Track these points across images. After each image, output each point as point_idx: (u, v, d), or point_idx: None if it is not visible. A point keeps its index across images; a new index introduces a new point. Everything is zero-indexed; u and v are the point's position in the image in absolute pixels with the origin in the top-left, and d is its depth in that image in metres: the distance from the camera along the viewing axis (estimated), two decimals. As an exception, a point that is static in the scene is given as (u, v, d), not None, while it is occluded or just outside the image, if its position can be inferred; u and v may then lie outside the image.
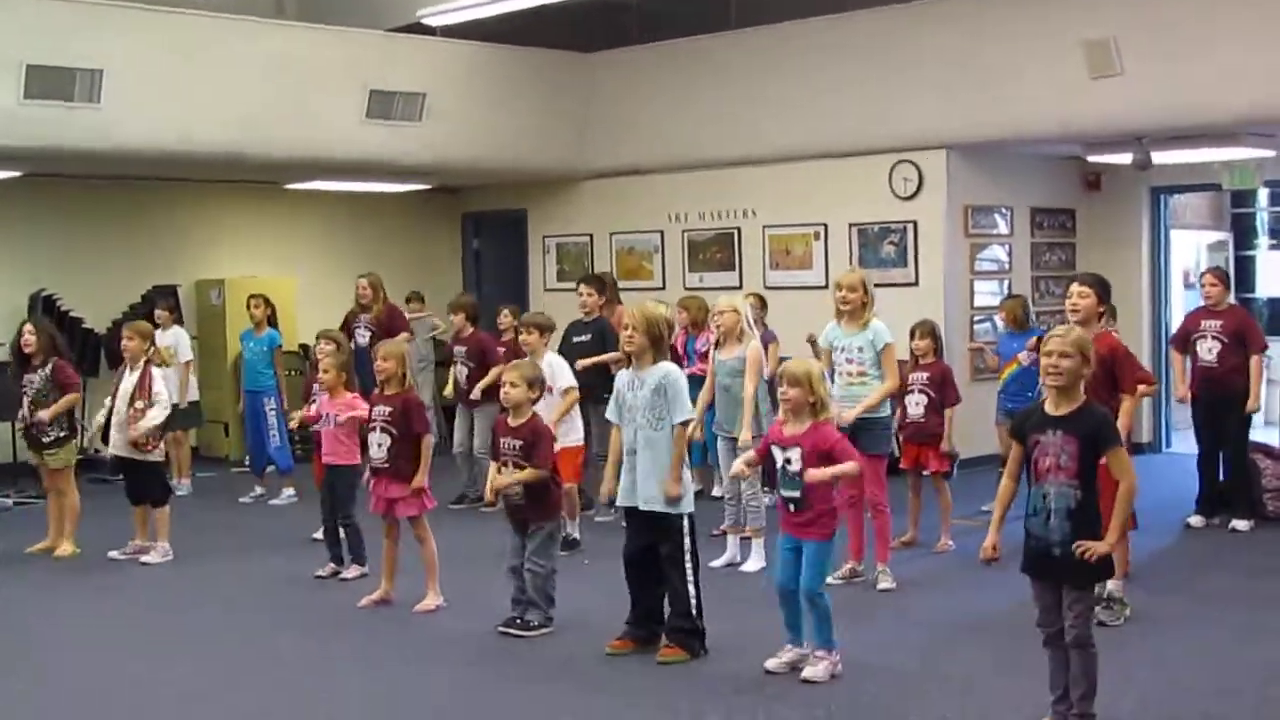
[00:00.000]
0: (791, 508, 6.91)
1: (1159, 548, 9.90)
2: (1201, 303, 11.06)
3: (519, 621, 7.86)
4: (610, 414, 7.67)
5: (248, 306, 12.95)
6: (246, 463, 13.37)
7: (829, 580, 8.81)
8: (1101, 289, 8.03)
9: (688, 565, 7.34)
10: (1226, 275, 11.33)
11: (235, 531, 11.37)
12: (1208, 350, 10.71)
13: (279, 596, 9.09)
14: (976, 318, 13.64)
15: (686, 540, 7.36)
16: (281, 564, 9.94)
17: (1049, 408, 5.86)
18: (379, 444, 8.47)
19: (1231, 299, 11.23)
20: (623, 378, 7.61)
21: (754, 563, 9.42)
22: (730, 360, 9.38)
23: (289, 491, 12.44)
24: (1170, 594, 8.57)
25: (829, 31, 13.78)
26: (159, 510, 10.13)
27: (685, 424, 7.37)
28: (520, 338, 10.40)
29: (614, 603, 7.75)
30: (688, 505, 7.39)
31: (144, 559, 10.05)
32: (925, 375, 10.03)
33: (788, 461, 6.88)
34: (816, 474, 6.77)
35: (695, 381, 9.32)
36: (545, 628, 7.86)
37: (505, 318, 12.31)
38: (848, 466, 6.86)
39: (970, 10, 12.85)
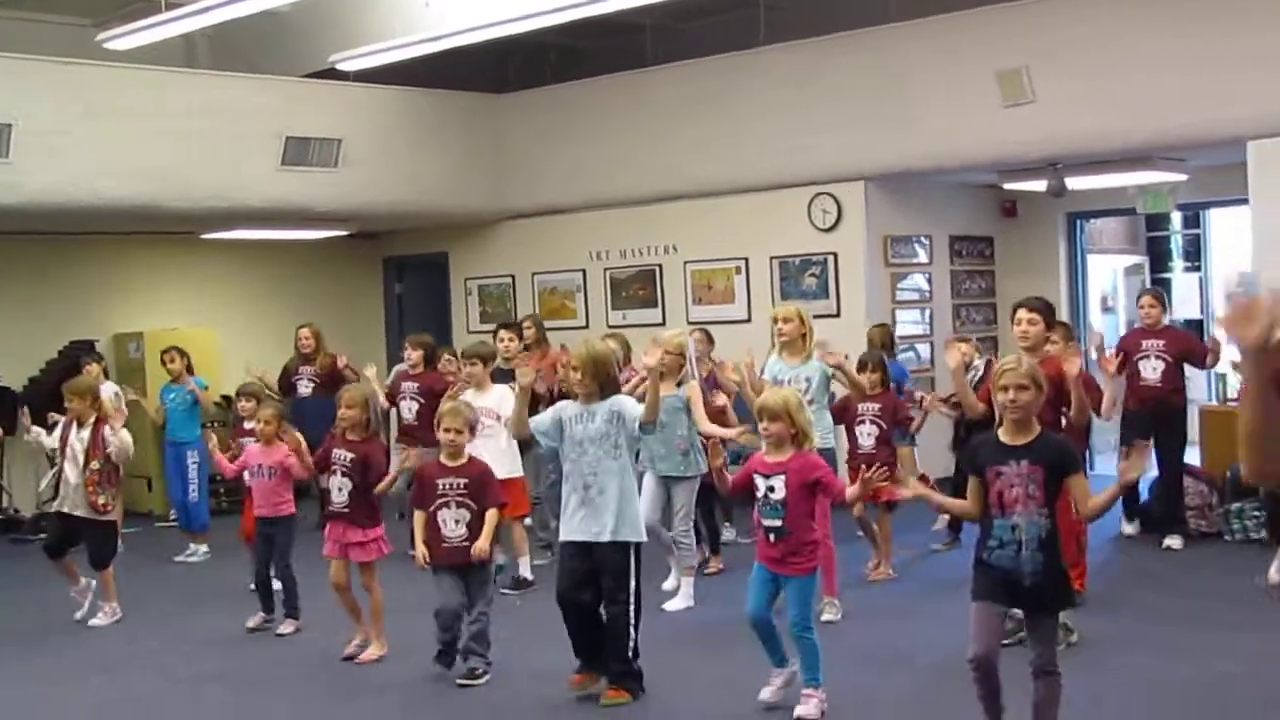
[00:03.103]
0: (772, 537, 6.72)
1: (1090, 567, 9.94)
2: (1141, 324, 11.08)
3: (474, 672, 7.71)
4: (537, 427, 7.38)
5: (162, 362, 12.78)
6: (173, 517, 13.17)
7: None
8: (1049, 313, 8.12)
9: (631, 605, 7.13)
10: (1163, 296, 11.33)
11: (160, 587, 11.16)
12: (1151, 370, 10.74)
13: (204, 651, 8.91)
14: (899, 347, 13.69)
15: (633, 580, 7.14)
16: (206, 619, 9.77)
17: (1005, 438, 5.75)
18: (339, 488, 8.28)
19: (1167, 319, 11.28)
20: (569, 409, 7.34)
21: (680, 602, 9.33)
22: (669, 399, 9.22)
23: (202, 549, 12.24)
24: (1100, 613, 8.58)
25: (745, 66, 13.85)
26: (104, 572, 9.85)
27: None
28: (465, 370, 10.32)
29: (551, 644, 7.68)
30: (637, 534, 7.21)
31: (92, 621, 9.78)
32: (876, 406, 9.88)
33: (770, 490, 6.70)
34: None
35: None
36: (488, 674, 7.74)
37: (417, 355, 11.77)
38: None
39: (883, 43, 12.95)
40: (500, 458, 9.93)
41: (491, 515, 7.76)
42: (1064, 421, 7.79)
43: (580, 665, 7.35)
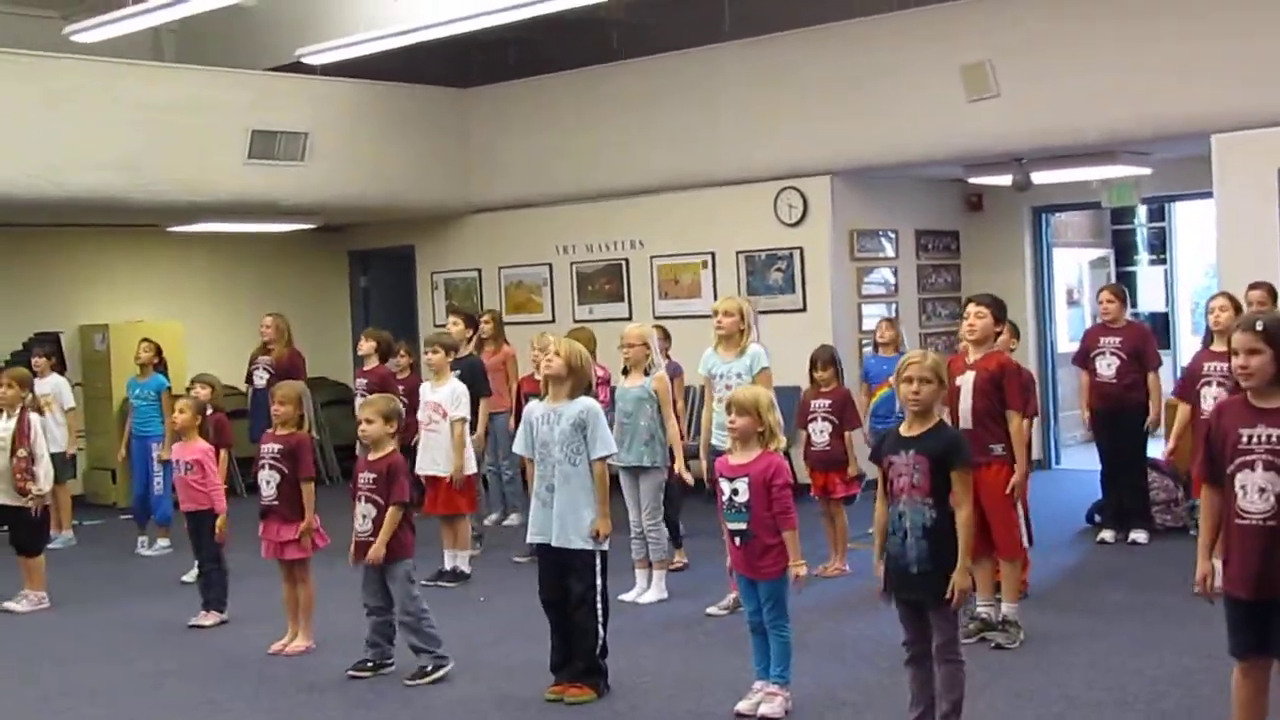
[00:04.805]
0: (737, 540, 6.64)
1: (1057, 563, 9.98)
2: (1099, 320, 11.04)
3: (423, 670, 7.63)
4: (518, 446, 7.48)
5: (137, 353, 12.65)
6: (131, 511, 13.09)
7: (711, 611, 8.81)
8: (997, 309, 8.10)
9: (598, 604, 7.15)
10: (1123, 291, 11.31)
11: (119, 579, 11.13)
12: (1106, 366, 10.66)
13: (163, 644, 8.89)
14: (865, 341, 13.71)
15: (598, 579, 7.16)
16: (164, 611, 9.71)
17: (904, 430, 5.94)
18: (267, 481, 8.26)
19: (1129, 315, 11.25)
20: (536, 410, 7.32)
21: (653, 594, 9.33)
22: (634, 389, 9.23)
23: (163, 543, 12.12)
24: (1068, 610, 8.63)
25: (710, 61, 13.87)
26: (33, 560, 9.95)
27: (605, 459, 7.20)
28: (425, 357, 10.31)
29: (524, 642, 7.69)
30: (585, 542, 7.17)
31: (10, 606, 9.86)
32: (828, 402, 9.90)
33: (734, 492, 6.60)
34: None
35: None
36: (444, 667, 7.67)
37: (401, 358, 11.86)
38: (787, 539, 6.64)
39: (849, 37, 12.98)
40: (444, 455, 9.93)
41: (391, 514, 7.64)
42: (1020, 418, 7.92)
43: (557, 676, 7.26)
